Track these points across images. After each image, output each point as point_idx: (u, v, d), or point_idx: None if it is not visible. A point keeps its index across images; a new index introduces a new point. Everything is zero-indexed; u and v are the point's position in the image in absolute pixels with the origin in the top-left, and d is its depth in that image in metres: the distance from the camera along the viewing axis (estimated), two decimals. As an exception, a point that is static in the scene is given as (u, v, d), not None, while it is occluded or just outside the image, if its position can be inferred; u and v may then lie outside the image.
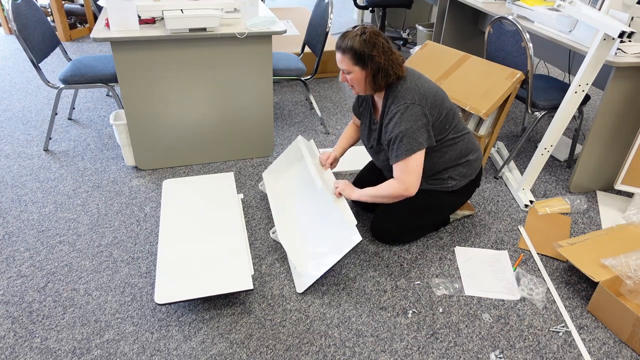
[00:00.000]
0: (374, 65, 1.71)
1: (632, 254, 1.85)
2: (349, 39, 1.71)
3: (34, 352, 1.58)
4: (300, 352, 1.62)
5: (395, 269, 1.98)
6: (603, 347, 1.68)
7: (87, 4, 4.76)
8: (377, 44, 1.70)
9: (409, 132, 1.74)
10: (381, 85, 1.76)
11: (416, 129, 1.74)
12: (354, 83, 1.79)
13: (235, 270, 1.77)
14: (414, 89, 1.76)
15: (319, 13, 2.90)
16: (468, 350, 1.65)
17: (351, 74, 1.76)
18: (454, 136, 1.88)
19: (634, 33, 1.83)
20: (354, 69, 1.74)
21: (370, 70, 1.73)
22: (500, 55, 2.58)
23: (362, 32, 1.70)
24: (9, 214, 2.21)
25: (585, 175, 2.49)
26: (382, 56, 1.70)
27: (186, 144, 2.56)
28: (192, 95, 2.43)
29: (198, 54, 2.32)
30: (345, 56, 1.73)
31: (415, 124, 1.74)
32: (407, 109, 1.73)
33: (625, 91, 2.22)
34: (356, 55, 1.71)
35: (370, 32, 1.70)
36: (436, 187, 1.96)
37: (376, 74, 1.73)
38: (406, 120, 1.73)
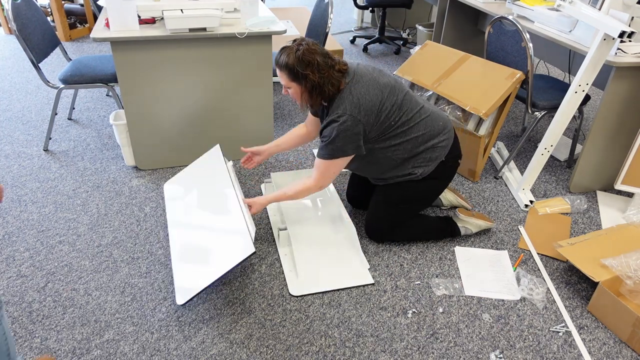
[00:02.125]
0: (309, 83, 1.73)
1: (632, 254, 1.85)
2: (284, 54, 1.73)
3: (34, 352, 1.58)
4: (300, 352, 1.62)
5: (395, 269, 1.98)
6: (603, 347, 1.68)
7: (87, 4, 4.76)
8: (311, 62, 1.70)
9: (337, 139, 1.77)
10: (317, 101, 1.79)
11: (344, 138, 1.77)
12: (294, 97, 1.82)
13: (237, 242, 1.77)
14: (348, 98, 1.76)
15: (319, 13, 2.90)
16: (468, 350, 1.65)
17: (290, 89, 1.80)
18: (405, 128, 1.86)
19: (634, 33, 1.83)
20: (291, 85, 1.78)
21: (305, 88, 1.75)
22: (500, 55, 2.58)
23: (297, 49, 1.71)
24: (9, 214, 2.21)
25: (585, 175, 2.49)
26: (316, 74, 1.71)
27: (186, 143, 2.56)
28: (192, 95, 2.42)
29: (198, 54, 2.31)
30: (282, 73, 1.76)
31: (345, 133, 1.76)
32: (339, 118, 1.75)
33: (625, 91, 2.22)
34: (291, 72, 1.73)
35: (304, 50, 1.71)
36: (404, 179, 1.96)
37: (311, 91, 1.76)
38: (337, 130, 1.76)
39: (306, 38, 1.78)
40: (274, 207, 2.29)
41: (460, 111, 2.48)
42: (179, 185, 2.24)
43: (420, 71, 2.65)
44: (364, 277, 1.90)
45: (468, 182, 2.59)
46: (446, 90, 2.46)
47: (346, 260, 1.98)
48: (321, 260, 1.97)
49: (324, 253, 2.01)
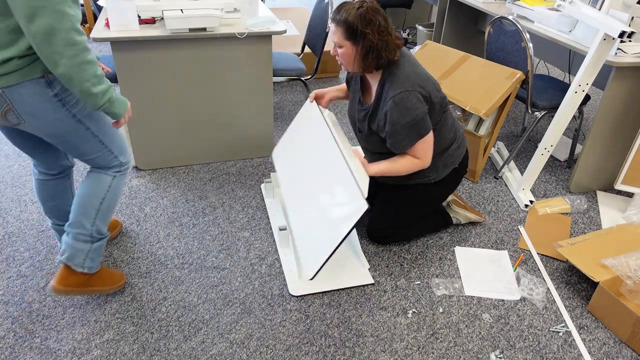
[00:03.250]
0: (366, 44, 1.63)
1: (632, 254, 1.85)
2: (344, 10, 1.63)
3: (34, 352, 1.58)
4: (300, 352, 1.62)
5: (395, 269, 1.98)
6: (603, 347, 1.68)
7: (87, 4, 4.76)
8: (373, 21, 1.61)
9: (416, 120, 1.69)
10: (370, 66, 1.69)
11: (420, 115, 1.70)
12: (344, 59, 1.71)
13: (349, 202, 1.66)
14: (413, 76, 1.69)
15: (319, 13, 2.90)
16: (468, 350, 1.65)
17: (342, 49, 1.68)
18: (442, 124, 1.85)
19: (634, 33, 1.83)
20: (345, 44, 1.66)
21: (362, 49, 1.65)
22: (500, 55, 2.58)
23: (360, 6, 1.62)
24: (9, 214, 2.21)
25: (585, 175, 2.49)
26: (375, 35, 1.61)
27: (186, 143, 2.56)
28: (192, 95, 2.42)
29: (198, 54, 2.31)
30: (338, 28, 1.64)
31: (419, 110, 1.69)
32: (409, 96, 1.66)
33: (625, 91, 2.22)
34: (349, 29, 1.62)
35: (368, 7, 1.61)
36: (417, 181, 1.96)
37: (367, 54, 1.65)
38: (410, 109, 1.67)
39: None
40: (273, 207, 2.29)
41: (460, 111, 2.48)
42: (284, 151, 2.23)
43: (420, 71, 2.64)
44: (364, 277, 1.90)
45: (468, 182, 2.59)
46: (446, 90, 2.46)
47: (346, 261, 1.98)
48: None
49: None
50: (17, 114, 1.36)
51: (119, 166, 1.64)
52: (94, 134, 1.52)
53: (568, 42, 2.33)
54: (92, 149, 1.55)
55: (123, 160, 1.65)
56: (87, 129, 1.49)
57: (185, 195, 2.38)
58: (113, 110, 1.44)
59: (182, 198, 2.35)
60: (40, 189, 1.72)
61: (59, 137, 1.47)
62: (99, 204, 1.60)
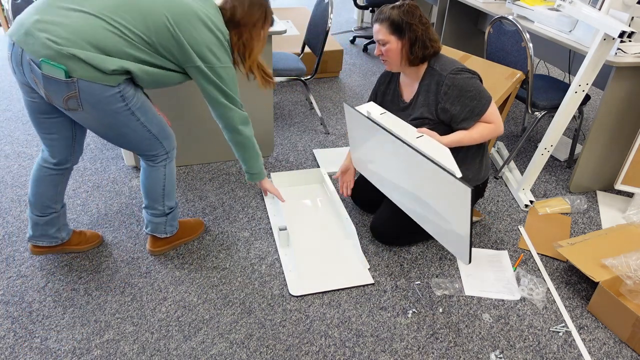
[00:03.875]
0: (412, 35, 1.72)
1: (632, 254, 1.85)
2: (386, 10, 1.74)
3: (34, 352, 1.58)
4: (300, 352, 1.62)
5: (395, 269, 1.98)
6: (603, 347, 1.68)
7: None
8: (415, 14, 1.72)
9: (478, 89, 1.75)
10: (418, 57, 1.76)
11: (480, 85, 1.77)
12: (389, 55, 1.78)
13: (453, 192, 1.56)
14: (457, 62, 1.79)
15: (319, 13, 2.90)
16: (468, 350, 1.65)
17: (387, 45, 1.76)
18: None
19: (634, 33, 1.83)
20: (390, 39, 1.75)
21: (408, 40, 1.74)
22: (500, 55, 2.58)
23: (401, 5, 1.74)
24: (9, 214, 2.21)
25: (585, 175, 2.49)
26: (419, 26, 1.72)
27: (186, 144, 2.56)
28: (191, 96, 2.42)
29: (198, 54, 2.31)
30: (382, 25, 1.74)
31: (476, 81, 1.77)
32: (462, 72, 1.75)
33: (625, 91, 2.22)
34: (393, 24, 1.72)
35: (409, 4, 1.74)
36: None
37: (413, 44, 1.74)
38: (468, 80, 1.75)
39: None
40: (273, 207, 2.29)
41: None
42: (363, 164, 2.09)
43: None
44: (364, 277, 1.90)
45: (468, 182, 2.59)
46: (446, 90, 2.46)
47: (346, 260, 1.98)
48: (321, 260, 1.98)
49: (324, 253, 2.01)
50: (79, 101, 1.48)
51: (165, 154, 1.78)
52: (143, 124, 1.64)
53: (568, 42, 2.33)
54: (142, 138, 1.67)
55: (168, 147, 1.77)
56: (138, 119, 1.61)
57: (185, 195, 2.38)
58: None
59: (182, 198, 2.35)
60: (36, 175, 1.81)
61: (112, 127, 1.59)
62: (162, 190, 1.83)
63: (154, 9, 1.48)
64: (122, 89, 1.51)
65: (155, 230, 1.93)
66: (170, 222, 1.94)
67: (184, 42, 1.52)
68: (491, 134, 1.82)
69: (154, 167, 1.78)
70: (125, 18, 1.45)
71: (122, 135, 1.63)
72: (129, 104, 1.55)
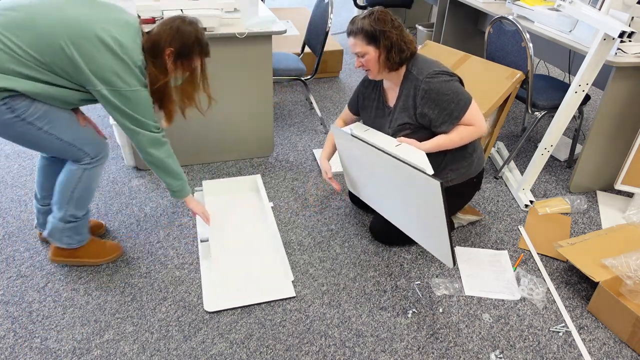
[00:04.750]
0: (387, 42, 1.72)
1: (632, 254, 1.85)
2: (358, 22, 1.74)
3: (34, 352, 1.58)
4: (300, 352, 1.62)
5: (395, 269, 1.98)
6: (603, 347, 1.68)
7: (87, 4, 4.75)
8: (387, 20, 1.72)
9: (456, 91, 1.75)
10: (396, 62, 1.76)
11: (458, 87, 1.76)
12: (369, 64, 1.78)
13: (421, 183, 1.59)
14: (436, 63, 1.79)
15: (319, 13, 2.90)
16: (468, 350, 1.65)
17: (366, 56, 1.76)
18: None
19: (634, 33, 1.83)
20: (367, 50, 1.75)
21: (384, 48, 1.73)
22: (500, 55, 2.58)
23: (370, 14, 1.73)
24: (9, 214, 2.21)
25: (585, 175, 2.49)
26: (393, 32, 1.72)
27: (186, 144, 2.56)
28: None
29: (198, 54, 2.31)
30: (357, 38, 1.74)
31: (454, 82, 1.76)
32: (440, 74, 1.74)
33: (625, 91, 2.22)
34: (368, 34, 1.72)
35: (378, 12, 1.74)
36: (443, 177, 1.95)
37: (390, 50, 1.73)
38: (445, 83, 1.74)
39: None
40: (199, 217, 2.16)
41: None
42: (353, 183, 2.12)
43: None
44: (285, 291, 1.82)
45: (468, 182, 2.59)
46: (446, 90, 2.46)
47: (270, 273, 1.91)
48: (243, 273, 1.90)
49: (248, 265, 1.94)
50: None
51: (89, 160, 1.72)
52: (48, 133, 1.59)
53: (568, 42, 2.33)
54: (52, 145, 1.63)
55: (92, 153, 1.72)
56: (40, 129, 1.57)
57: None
58: None
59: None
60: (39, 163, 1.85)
61: (13, 137, 1.58)
62: (71, 193, 1.74)
63: (52, 31, 1.45)
64: (7, 102, 1.46)
65: (52, 234, 1.81)
66: (69, 233, 1.81)
67: (82, 65, 1.48)
68: (472, 136, 1.81)
69: (72, 165, 1.72)
70: (18, 35, 1.43)
71: (30, 143, 1.60)
72: (22, 115, 1.50)
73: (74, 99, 1.59)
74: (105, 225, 2.10)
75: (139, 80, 1.59)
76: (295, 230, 2.17)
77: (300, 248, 2.06)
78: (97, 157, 1.74)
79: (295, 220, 2.23)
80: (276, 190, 2.44)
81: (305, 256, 2.02)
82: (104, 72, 1.51)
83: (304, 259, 2.00)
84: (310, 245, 2.08)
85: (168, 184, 1.85)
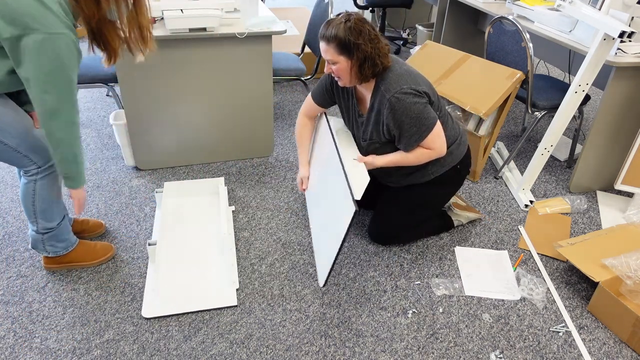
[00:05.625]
0: (360, 55, 1.63)
1: (632, 254, 1.85)
2: (333, 27, 1.63)
3: (34, 352, 1.58)
4: (300, 352, 1.62)
5: (395, 269, 1.98)
6: (603, 347, 1.68)
7: (87, 4, 4.75)
8: (362, 31, 1.62)
9: (419, 115, 1.70)
10: (367, 76, 1.69)
11: (422, 110, 1.70)
12: (340, 74, 1.71)
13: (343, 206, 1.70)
14: (406, 75, 1.71)
15: (319, 13, 2.90)
16: (468, 350, 1.65)
17: (337, 65, 1.68)
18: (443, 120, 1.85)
19: (634, 33, 1.83)
20: (339, 59, 1.66)
21: (357, 60, 1.65)
22: (500, 55, 2.58)
23: (347, 20, 1.62)
24: (9, 214, 2.21)
25: (585, 175, 2.49)
26: (368, 44, 1.62)
27: (186, 144, 2.56)
28: (191, 95, 2.42)
29: (198, 54, 2.31)
30: (330, 46, 1.65)
31: (419, 105, 1.69)
32: (406, 95, 1.68)
33: (625, 91, 2.22)
34: (341, 44, 1.63)
35: (355, 19, 1.63)
36: (418, 180, 1.95)
37: (363, 64, 1.65)
38: (410, 105, 1.68)
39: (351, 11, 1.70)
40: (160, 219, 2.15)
41: (460, 111, 2.48)
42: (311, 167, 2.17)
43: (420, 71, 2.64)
44: (227, 299, 1.78)
45: (468, 182, 2.59)
46: (446, 90, 2.46)
47: (215, 279, 1.86)
48: (188, 279, 1.86)
49: (194, 271, 1.90)
50: None
51: (35, 169, 1.62)
52: None
53: (568, 42, 2.33)
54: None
55: (39, 162, 1.61)
56: None
57: (185, 195, 2.38)
58: None
59: (182, 198, 2.35)
60: None
61: None
62: (32, 207, 1.68)
63: None
64: None
65: (35, 245, 1.79)
66: (50, 242, 1.78)
67: None
68: (429, 158, 1.82)
69: (25, 179, 1.64)
70: None
71: None
72: None
73: None
74: (105, 225, 2.10)
75: (61, 21, 1.34)
76: (296, 230, 2.17)
77: (300, 248, 2.06)
78: (45, 165, 1.62)
79: (295, 220, 2.23)
80: (276, 190, 2.44)
81: (306, 256, 2.02)
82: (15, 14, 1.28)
83: (304, 259, 2.00)
84: (311, 245, 2.08)
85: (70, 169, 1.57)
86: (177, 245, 2.02)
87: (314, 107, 2.06)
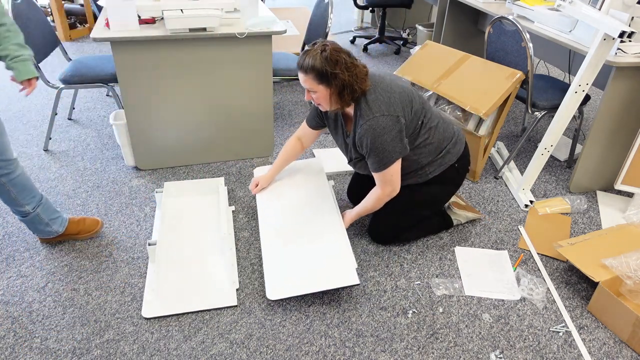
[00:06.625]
0: (339, 83, 1.67)
1: (632, 254, 1.85)
2: (310, 57, 1.66)
3: (34, 352, 1.58)
4: (300, 352, 1.62)
5: (395, 269, 1.98)
6: (603, 347, 1.68)
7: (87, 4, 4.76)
8: (339, 60, 1.65)
9: (383, 146, 1.73)
10: (347, 102, 1.73)
11: (389, 141, 1.73)
12: (320, 101, 1.75)
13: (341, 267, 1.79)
14: (381, 99, 1.73)
15: (319, 13, 2.90)
16: (468, 350, 1.65)
17: (316, 93, 1.72)
18: (431, 126, 1.87)
19: (634, 33, 1.83)
20: (318, 88, 1.70)
21: (335, 88, 1.69)
22: (500, 55, 2.58)
23: (323, 50, 1.66)
24: (9, 214, 2.21)
25: (585, 175, 2.49)
26: (345, 72, 1.66)
27: (186, 144, 2.56)
28: (191, 95, 2.43)
29: (198, 54, 2.31)
30: (308, 76, 1.68)
31: (388, 136, 1.72)
32: (377, 122, 1.70)
33: (625, 91, 2.22)
34: (319, 74, 1.66)
35: (331, 49, 1.66)
36: (417, 181, 1.96)
37: (342, 91, 1.69)
38: (378, 135, 1.71)
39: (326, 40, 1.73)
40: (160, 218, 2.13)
41: (460, 111, 2.48)
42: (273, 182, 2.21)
43: (420, 71, 2.65)
44: (228, 299, 1.78)
45: (468, 182, 2.59)
46: (446, 90, 2.46)
47: (215, 279, 1.86)
48: (184, 279, 1.85)
49: (194, 271, 1.89)
50: None
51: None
52: None
53: (568, 42, 2.33)
54: None
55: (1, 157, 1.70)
56: None
57: (185, 195, 2.38)
58: None
59: (182, 198, 2.35)
60: None
61: None
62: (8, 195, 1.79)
63: None
64: None
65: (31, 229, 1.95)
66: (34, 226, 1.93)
67: None
68: (386, 199, 1.90)
69: None
70: None
71: None
72: None
73: None
74: (102, 222, 2.10)
75: None
76: (295, 230, 2.17)
77: (300, 248, 2.06)
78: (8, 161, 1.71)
79: (295, 220, 2.23)
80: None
81: (305, 256, 2.02)
82: None
83: (304, 259, 2.00)
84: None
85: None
86: (177, 245, 2.02)
87: (307, 131, 2.12)
